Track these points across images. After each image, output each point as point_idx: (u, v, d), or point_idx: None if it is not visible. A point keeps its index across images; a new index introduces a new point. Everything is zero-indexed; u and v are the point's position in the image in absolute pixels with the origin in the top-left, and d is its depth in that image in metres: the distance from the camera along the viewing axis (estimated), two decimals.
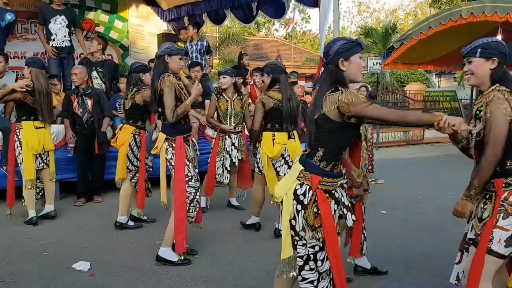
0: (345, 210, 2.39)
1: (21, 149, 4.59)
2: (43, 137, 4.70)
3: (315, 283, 2.31)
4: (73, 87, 5.72)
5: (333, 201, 2.31)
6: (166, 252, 3.67)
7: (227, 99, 5.00)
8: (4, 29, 6.20)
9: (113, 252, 4.00)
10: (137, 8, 9.15)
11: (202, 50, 7.57)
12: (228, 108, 5.01)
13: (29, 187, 4.61)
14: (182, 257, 3.68)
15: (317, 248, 2.29)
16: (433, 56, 10.99)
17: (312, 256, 2.29)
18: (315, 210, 2.25)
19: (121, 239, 4.32)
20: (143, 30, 9.28)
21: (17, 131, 4.62)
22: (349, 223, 2.39)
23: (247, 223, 4.63)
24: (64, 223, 4.81)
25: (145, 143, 4.63)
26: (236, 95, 5.05)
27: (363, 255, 3.48)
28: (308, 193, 2.26)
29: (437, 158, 10.04)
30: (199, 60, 7.25)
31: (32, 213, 4.68)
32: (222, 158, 5.02)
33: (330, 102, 2.20)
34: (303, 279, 2.31)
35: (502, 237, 2.21)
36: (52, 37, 6.52)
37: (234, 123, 5.06)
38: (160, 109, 3.65)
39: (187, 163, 3.59)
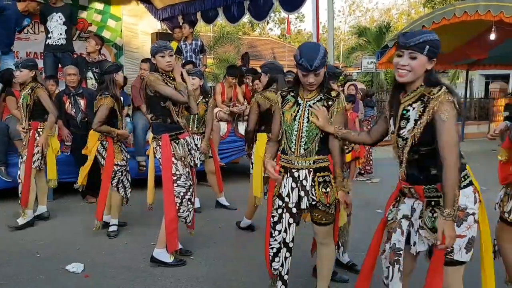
0: (302, 193, 2.62)
1: (40, 149, 4.57)
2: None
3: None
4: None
5: (290, 179, 2.64)
6: (160, 253, 3.64)
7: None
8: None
9: (107, 253, 3.97)
10: (131, 7, 9.10)
11: (196, 50, 7.55)
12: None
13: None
14: (174, 257, 3.66)
15: (275, 218, 2.71)
16: None
17: (272, 224, 2.74)
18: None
19: (115, 240, 4.29)
20: (136, 29, 9.23)
21: (40, 130, 4.56)
22: (302, 206, 2.63)
23: (241, 225, 4.61)
24: (57, 224, 4.77)
25: (112, 148, 4.37)
26: (201, 98, 4.93)
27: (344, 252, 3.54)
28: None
29: None
30: (193, 60, 7.22)
31: (30, 214, 4.68)
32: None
33: None
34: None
35: (461, 245, 2.12)
36: (49, 35, 6.46)
37: (196, 126, 5.01)
38: (149, 110, 3.64)
39: (174, 161, 3.53)
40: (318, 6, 6.27)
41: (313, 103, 2.61)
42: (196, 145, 4.84)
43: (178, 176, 3.55)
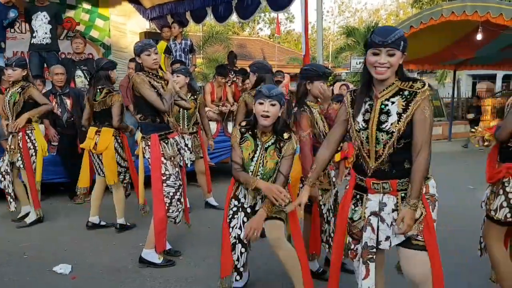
0: (258, 197, 2.88)
1: (34, 151, 4.56)
2: None
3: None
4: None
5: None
6: (149, 254, 3.61)
7: None
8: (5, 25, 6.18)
9: (95, 254, 3.93)
10: (119, 6, 9.03)
11: (185, 49, 7.53)
12: (180, 110, 4.86)
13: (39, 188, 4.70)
14: (163, 257, 3.63)
15: (229, 216, 2.90)
16: (414, 55, 11.12)
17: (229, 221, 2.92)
18: None
19: (103, 241, 4.25)
20: (125, 28, 9.17)
21: (29, 132, 4.54)
22: (257, 207, 2.85)
23: None
24: (45, 225, 4.71)
25: (127, 143, 4.54)
26: (189, 95, 4.91)
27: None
28: None
29: None
30: (183, 59, 7.20)
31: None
32: None
33: None
34: None
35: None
36: (34, 34, 6.40)
37: (187, 124, 5.01)
38: (137, 110, 3.61)
39: (164, 161, 3.51)
40: (307, 7, 6.29)
41: (268, 146, 2.81)
42: (186, 145, 4.86)
43: (168, 176, 3.53)
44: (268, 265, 3.57)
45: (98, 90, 4.29)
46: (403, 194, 2.16)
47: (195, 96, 5.01)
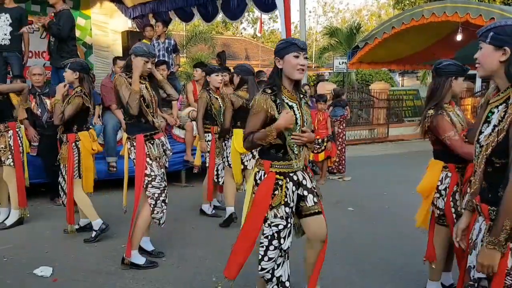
0: (305, 192, 2.63)
1: (22, 149, 4.60)
2: None
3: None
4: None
5: (291, 183, 2.56)
6: (132, 255, 3.58)
7: (216, 97, 4.93)
8: None
9: (77, 256, 3.88)
10: (101, 5, 8.93)
11: (169, 49, 7.48)
12: (221, 105, 4.89)
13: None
14: (146, 259, 3.61)
15: (280, 227, 2.54)
16: (397, 56, 11.27)
17: (276, 234, 2.54)
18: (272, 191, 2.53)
19: (85, 243, 4.19)
20: (106, 27, 9.07)
21: (18, 130, 4.59)
22: (308, 203, 2.63)
23: (224, 219, 4.66)
24: (25, 227, 4.64)
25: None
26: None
27: None
28: (263, 176, 2.55)
29: (400, 155, 10.27)
30: (166, 59, 7.15)
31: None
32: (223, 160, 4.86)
33: None
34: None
35: None
36: None
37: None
38: (122, 110, 3.63)
39: (149, 162, 3.50)
40: (289, 7, 6.30)
41: (301, 102, 2.60)
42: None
43: (153, 177, 3.51)
44: None
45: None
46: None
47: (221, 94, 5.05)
